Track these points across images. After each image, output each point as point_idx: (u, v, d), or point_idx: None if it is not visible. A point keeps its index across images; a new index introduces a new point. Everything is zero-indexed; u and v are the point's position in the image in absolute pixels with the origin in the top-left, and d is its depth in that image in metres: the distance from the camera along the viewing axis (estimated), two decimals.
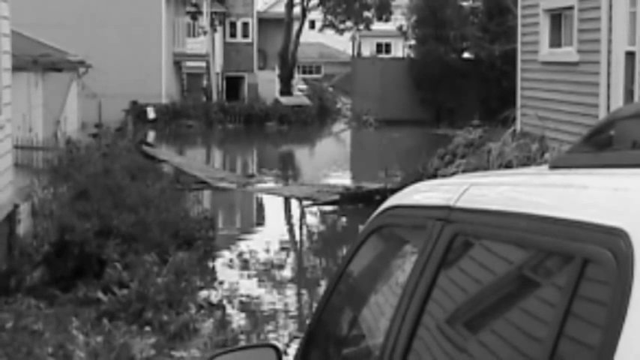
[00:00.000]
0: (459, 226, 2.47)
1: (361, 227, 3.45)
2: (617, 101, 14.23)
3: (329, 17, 49.95)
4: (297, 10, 49.01)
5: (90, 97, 31.43)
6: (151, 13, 40.71)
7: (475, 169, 16.06)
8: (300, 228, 19.94)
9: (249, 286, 13.58)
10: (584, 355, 1.72)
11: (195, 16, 47.05)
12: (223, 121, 42.53)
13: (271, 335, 11.03)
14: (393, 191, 5.06)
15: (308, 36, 55.31)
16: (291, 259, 16.36)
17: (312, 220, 20.00)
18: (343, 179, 25.37)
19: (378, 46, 63.73)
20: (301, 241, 18.72)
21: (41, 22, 33.98)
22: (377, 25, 51.51)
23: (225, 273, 14.10)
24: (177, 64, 45.43)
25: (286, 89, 48.85)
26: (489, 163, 17.40)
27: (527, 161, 16.06)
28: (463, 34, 42.12)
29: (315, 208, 20.59)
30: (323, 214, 20.25)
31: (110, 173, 15.83)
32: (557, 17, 17.43)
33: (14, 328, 9.45)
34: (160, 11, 41.55)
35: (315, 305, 7.77)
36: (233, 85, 50.20)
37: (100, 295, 11.10)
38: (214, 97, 46.27)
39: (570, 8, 16.49)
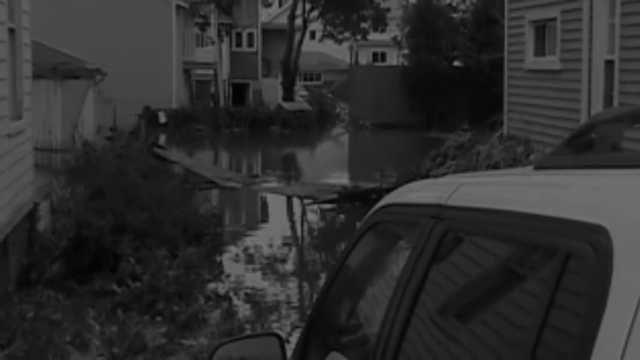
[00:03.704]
0: (449, 223, 2.47)
1: (358, 224, 3.45)
2: (598, 106, 14.21)
3: (328, 28, 49.95)
4: (298, 21, 49.00)
5: (105, 103, 31.41)
6: (162, 25, 40.74)
7: (465, 170, 16.05)
8: (302, 225, 19.93)
9: (253, 279, 13.58)
10: (567, 343, 1.72)
11: (203, 27, 47.06)
12: (230, 125, 42.52)
13: (274, 325, 11.03)
14: (388, 190, 5.06)
15: (309, 45, 55.28)
16: (293, 254, 16.35)
17: (312, 217, 19.99)
18: (342, 179, 25.34)
19: (374, 55, 63.68)
20: (302, 236, 18.71)
21: (60, 33, 33.96)
22: (373, 36, 51.47)
23: (231, 266, 14.09)
24: (187, 72, 45.43)
25: (288, 95, 48.83)
26: (478, 164, 17.38)
27: (513, 162, 16.04)
28: (453, 43, 42.14)
29: (315, 206, 20.59)
30: (323, 212, 20.24)
31: (124, 173, 15.83)
32: (541, 28, 17.41)
33: (35, 318, 9.45)
34: (171, 23, 41.58)
35: (315, 297, 7.76)
36: (239, 91, 50.19)
37: (115, 287, 11.10)
38: (221, 102, 46.28)
39: (554, 20, 16.48)
